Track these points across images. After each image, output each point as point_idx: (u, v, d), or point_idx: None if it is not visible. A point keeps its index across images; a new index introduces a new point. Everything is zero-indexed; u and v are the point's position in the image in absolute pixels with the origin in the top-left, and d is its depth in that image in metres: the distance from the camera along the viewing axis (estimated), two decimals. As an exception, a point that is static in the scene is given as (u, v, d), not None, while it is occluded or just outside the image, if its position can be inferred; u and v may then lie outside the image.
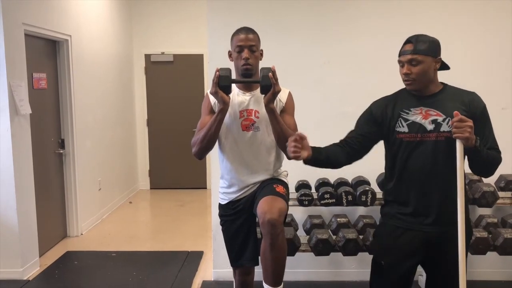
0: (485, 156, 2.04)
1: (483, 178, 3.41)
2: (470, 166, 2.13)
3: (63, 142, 4.82)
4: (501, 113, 3.52)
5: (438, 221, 2.12)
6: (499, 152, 2.13)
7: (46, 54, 4.59)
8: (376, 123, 2.22)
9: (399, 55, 2.15)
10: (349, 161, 2.30)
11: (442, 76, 3.42)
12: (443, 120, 2.09)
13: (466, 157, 2.12)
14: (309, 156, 2.11)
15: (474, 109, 2.10)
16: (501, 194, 3.28)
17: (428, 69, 2.10)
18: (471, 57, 3.52)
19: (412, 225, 2.15)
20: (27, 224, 3.94)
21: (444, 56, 3.47)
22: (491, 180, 3.45)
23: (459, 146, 1.99)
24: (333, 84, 3.51)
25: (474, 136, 1.96)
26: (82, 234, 5.00)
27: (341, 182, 3.33)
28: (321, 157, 2.18)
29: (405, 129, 2.13)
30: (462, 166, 2.01)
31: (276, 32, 3.53)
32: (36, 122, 4.22)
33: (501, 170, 3.44)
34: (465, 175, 3.42)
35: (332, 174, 3.21)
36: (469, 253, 3.04)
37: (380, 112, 2.21)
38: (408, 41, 2.14)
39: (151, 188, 7.20)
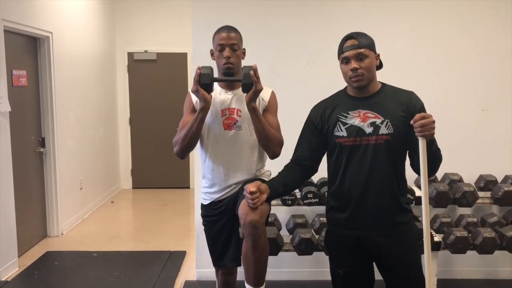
0: (433, 153, 2.02)
1: (463, 178, 3.47)
2: (415, 165, 2.08)
3: (44, 140, 4.75)
4: (482, 115, 3.58)
5: (378, 225, 2.08)
6: (440, 150, 2.09)
7: (27, 51, 4.51)
8: (316, 129, 2.18)
9: (343, 52, 2.07)
10: (306, 178, 2.33)
11: (427, 77, 3.47)
12: (382, 123, 2.03)
13: (409, 157, 2.11)
14: (268, 196, 2.12)
15: (413, 108, 2.05)
16: (480, 194, 3.33)
17: (373, 64, 2.07)
18: (453, 59, 3.56)
19: (355, 232, 2.10)
20: (6, 223, 3.87)
21: (429, 58, 3.54)
22: (471, 180, 3.51)
23: (421, 144, 1.94)
24: (317, 84, 3.52)
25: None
26: (62, 234, 4.94)
27: (324, 182, 3.33)
28: (278, 190, 2.18)
29: (344, 133, 2.07)
30: (425, 165, 1.96)
31: (260, 31, 3.52)
32: (15, 120, 4.14)
33: (480, 169, 3.53)
34: (447, 175, 3.49)
35: (315, 174, 3.22)
36: (449, 252, 3.11)
37: (319, 118, 2.17)
38: (349, 37, 2.07)
39: (133, 188, 7.14)
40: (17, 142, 4.19)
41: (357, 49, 2.03)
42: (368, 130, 2.05)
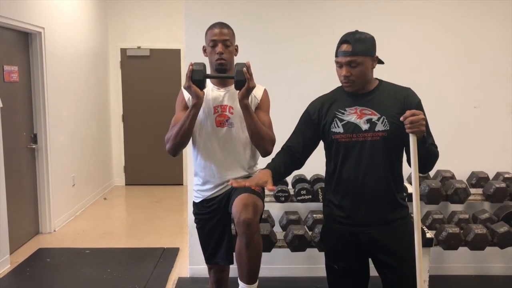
0: (427, 150, 2.02)
1: (455, 175, 3.49)
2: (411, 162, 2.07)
3: (36, 136, 4.72)
4: (474, 112, 3.60)
5: (374, 221, 2.09)
6: (436, 147, 2.10)
7: (18, 47, 4.48)
8: (313, 123, 2.19)
9: (336, 56, 2.08)
10: (296, 167, 2.28)
11: (419, 74, 3.48)
12: (378, 119, 2.05)
13: (406, 153, 2.11)
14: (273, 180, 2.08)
15: (409, 105, 2.06)
16: (472, 190, 3.36)
17: (367, 69, 2.06)
18: (445, 56, 3.57)
19: (352, 227, 2.12)
20: (-2, 220, 3.85)
21: (420, 56, 3.55)
22: (463, 177, 3.53)
23: (412, 140, 1.95)
24: (310, 82, 3.52)
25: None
26: (55, 230, 4.92)
27: (318, 179, 3.34)
28: (281, 172, 2.17)
29: (340, 130, 2.09)
30: (416, 161, 1.96)
31: (254, 29, 3.52)
32: (7, 116, 4.11)
33: (472, 166, 3.55)
34: (439, 172, 3.51)
35: (308, 171, 3.23)
36: (441, 248, 3.13)
37: (317, 112, 2.18)
38: (345, 41, 2.06)
39: (126, 184, 7.11)
40: (9, 138, 4.16)
41: (350, 57, 2.02)
42: (365, 126, 2.06)
